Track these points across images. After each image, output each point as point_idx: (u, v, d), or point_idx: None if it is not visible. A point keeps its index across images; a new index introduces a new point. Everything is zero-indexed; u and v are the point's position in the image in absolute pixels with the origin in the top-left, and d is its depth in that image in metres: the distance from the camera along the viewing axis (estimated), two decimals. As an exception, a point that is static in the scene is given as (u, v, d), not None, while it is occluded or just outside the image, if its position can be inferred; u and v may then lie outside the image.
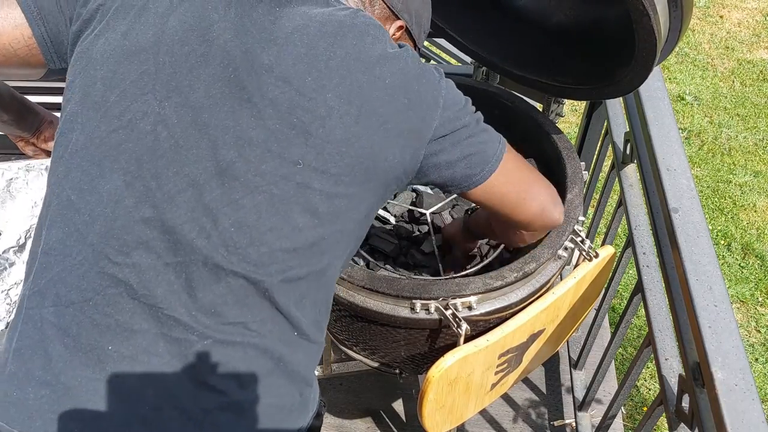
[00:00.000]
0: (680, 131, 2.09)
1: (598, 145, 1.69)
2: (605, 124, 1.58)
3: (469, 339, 1.06)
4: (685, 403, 0.96)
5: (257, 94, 0.75)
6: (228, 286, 0.74)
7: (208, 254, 0.74)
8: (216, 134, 0.74)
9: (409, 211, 1.48)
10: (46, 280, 0.75)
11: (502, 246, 1.31)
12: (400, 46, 0.83)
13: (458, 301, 1.06)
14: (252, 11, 0.77)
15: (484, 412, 1.72)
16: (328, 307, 0.87)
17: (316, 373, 1.69)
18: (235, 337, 0.75)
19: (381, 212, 1.48)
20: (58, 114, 0.91)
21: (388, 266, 1.34)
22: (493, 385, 1.23)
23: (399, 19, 0.95)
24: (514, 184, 0.91)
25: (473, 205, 1.53)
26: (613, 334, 1.38)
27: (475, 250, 1.37)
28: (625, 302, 1.31)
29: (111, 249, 0.73)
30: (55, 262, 0.75)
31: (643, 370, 1.93)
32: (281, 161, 0.74)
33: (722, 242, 2.96)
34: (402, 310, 1.08)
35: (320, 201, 0.76)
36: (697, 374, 0.91)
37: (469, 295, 1.06)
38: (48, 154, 1.17)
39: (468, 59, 2.43)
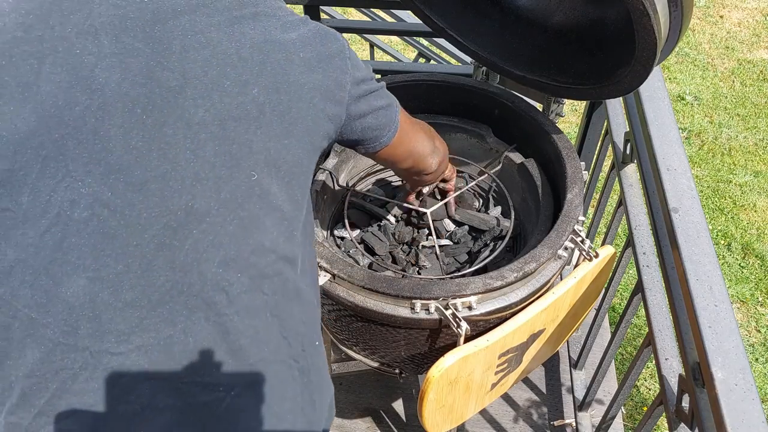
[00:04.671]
0: (680, 131, 2.09)
1: (598, 145, 1.69)
2: (605, 124, 1.58)
3: (469, 339, 1.06)
4: (685, 403, 0.96)
5: (181, 125, 0.67)
6: (230, 324, 0.72)
7: (209, 305, 0.71)
8: (158, 187, 0.67)
9: (409, 211, 1.49)
10: (45, 400, 0.68)
11: (501, 246, 1.31)
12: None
13: (458, 301, 1.06)
14: (125, 34, 0.66)
15: (484, 412, 1.72)
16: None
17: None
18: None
19: (381, 211, 1.48)
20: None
21: (388, 266, 1.34)
22: (493, 385, 1.23)
23: None
24: (414, 140, 1.04)
25: (474, 204, 1.53)
26: (613, 334, 1.38)
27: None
28: (625, 302, 1.31)
29: (109, 344, 0.68)
30: (51, 379, 0.67)
31: (643, 370, 1.93)
32: (235, 182, 0.70)
33: (722, 242, 2.96)
34: (402, 310, 1.08)
35: (283, 201, 0.75)
36: (697, 374, 0.91)
37: (469, 295, 1.06)
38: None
39: (468, 59, 2.43)
